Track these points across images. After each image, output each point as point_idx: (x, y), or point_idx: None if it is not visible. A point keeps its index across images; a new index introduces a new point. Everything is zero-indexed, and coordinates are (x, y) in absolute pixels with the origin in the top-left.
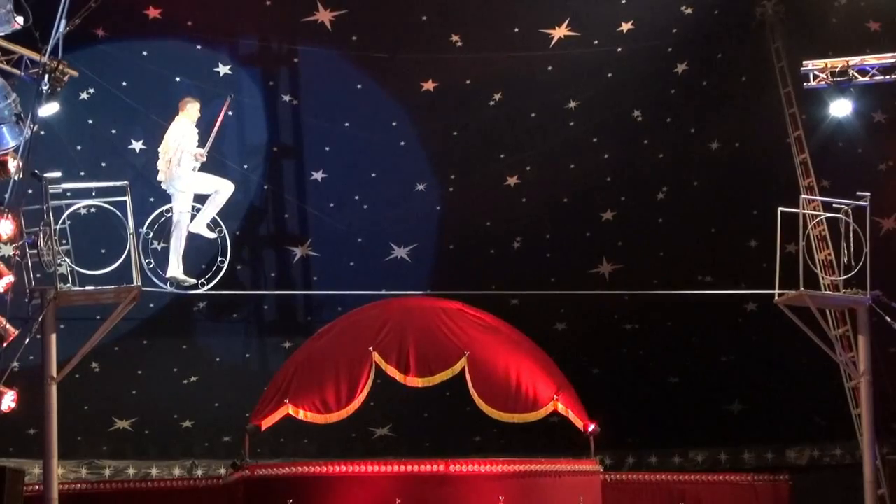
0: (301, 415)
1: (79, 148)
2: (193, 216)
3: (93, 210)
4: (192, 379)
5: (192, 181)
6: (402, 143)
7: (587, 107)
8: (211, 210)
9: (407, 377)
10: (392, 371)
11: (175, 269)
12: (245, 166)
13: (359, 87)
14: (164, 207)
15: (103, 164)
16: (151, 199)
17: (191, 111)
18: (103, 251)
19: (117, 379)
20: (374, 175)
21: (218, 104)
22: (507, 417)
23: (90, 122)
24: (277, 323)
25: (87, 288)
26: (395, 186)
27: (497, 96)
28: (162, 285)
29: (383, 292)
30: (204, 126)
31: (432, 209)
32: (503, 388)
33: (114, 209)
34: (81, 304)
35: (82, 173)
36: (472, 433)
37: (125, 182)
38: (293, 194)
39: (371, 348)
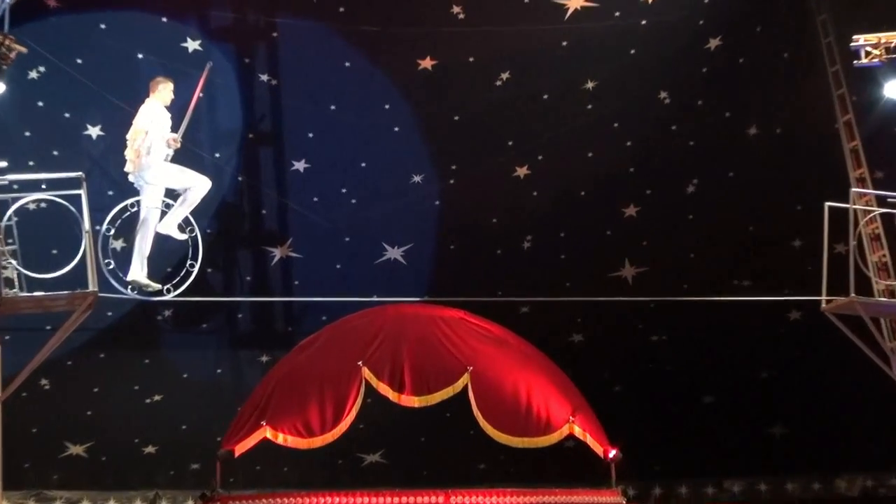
0: (280, 439)
1: (27, 134)
2: (164, 213)
3: (43, 205)
4: (156, 398)
5: (163, 173)
6: (396, 129)
7: (607, 88)
8: (183, 209)
9: (401, 396)
10: (384, 389)
11: (138, 272)
12: (217, 155)
13: (347, 65)
14: (130, 201)
15: (55, 153)
16: (110, 193)
17: (163, 92)
18: (55, 252)
19: (70, 398)
20: (363, 165)
21: (192, 82)
22: (515, 442)
23: (40, 104)
24: (253, 334)
25: (37, 294)
26: (389, 178)
27: (504, 76)
28: (123, 290)
29: (374, 299)
30: (177, 111)
31: (430, 204)
32: (511, 408)
33: (67, 204)
34: (30, 313)
35: (31, 163)
36: (476, 460)
37: (80, 173)
38: (272, 187)
39: (360, 363)
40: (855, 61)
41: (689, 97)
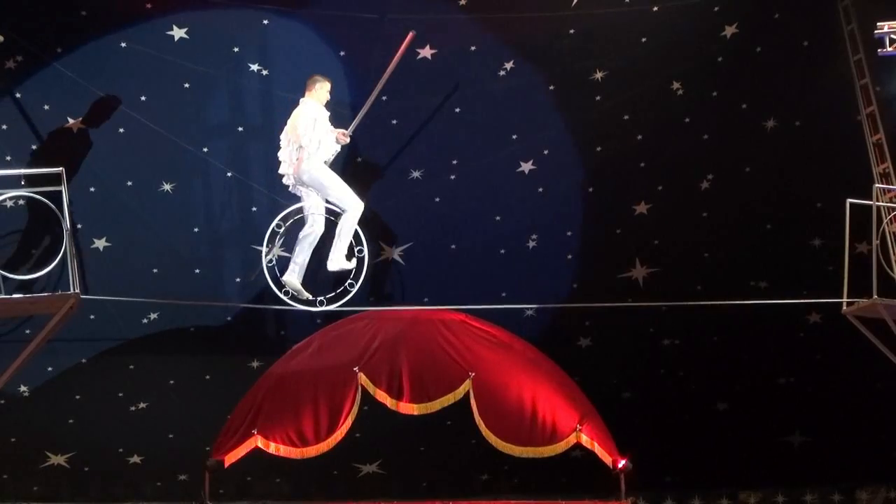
0: (272, 448)
1: (4, 127)
2: (328, 220)
3: (21, 202)
4: (142, 405)
5: (322, 179)
6: (394, 122)
7: (617, 78)
8: (343, 242)
9: (400, 403)
10: (382, 396)
11: (294, 275)
12: (205, 150)
13: (341, 54)
14: (293, 208)
15: (34, 147)
16: (92, 189)
17: (319, 92)
18: (34, 251)
19: (51, 406)
20: (359, 160)
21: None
22: (520, 451)
23: (18, 95)
24: (244, 338)
25: (15, 296)
26: (386, 174)
27: (508, 65)
28: (279, 295)
29: (371, 301)
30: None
31: (430, 201)
32: (515, 416)
33: (46, 201)
34: (7, 316)
35: (9, 157)
36: (479, 470)
37: (60, 168)
38: (262, 183)
39: (356, 369)
40: (879, 50)
41: (703, 88)
